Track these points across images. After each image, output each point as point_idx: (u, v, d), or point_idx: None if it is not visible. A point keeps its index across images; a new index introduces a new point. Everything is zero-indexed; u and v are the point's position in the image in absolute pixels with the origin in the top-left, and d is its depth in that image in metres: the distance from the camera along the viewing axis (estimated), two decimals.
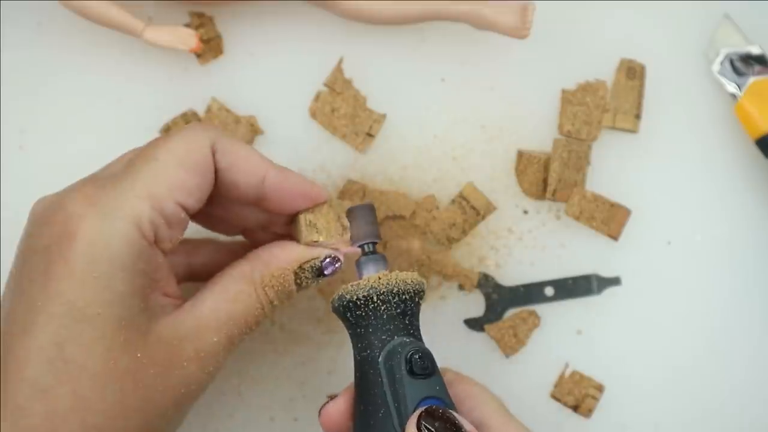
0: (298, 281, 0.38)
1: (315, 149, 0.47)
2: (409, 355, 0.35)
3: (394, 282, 0.36)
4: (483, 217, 0.46)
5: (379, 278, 0.37)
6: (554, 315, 0.46)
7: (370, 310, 0.36)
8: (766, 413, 0.46)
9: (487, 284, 0.46)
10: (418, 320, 0.37)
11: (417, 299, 0.37)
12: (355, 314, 0.37)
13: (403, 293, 0.36)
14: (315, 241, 0.38)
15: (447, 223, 0.46)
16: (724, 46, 0.47)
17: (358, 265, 0.38)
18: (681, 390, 0.46)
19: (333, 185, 0.46)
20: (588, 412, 0.45)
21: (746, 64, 0.46)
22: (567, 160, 0.45)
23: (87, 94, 0.47)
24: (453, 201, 0.46)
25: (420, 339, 0.37)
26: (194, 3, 0.46)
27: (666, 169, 0.48)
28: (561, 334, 0.46)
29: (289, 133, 0.47)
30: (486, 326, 0.46)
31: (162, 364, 0.34)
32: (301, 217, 0.38)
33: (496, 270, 0.46)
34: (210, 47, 0.47)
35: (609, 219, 0.46)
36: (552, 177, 0.45)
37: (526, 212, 0.47)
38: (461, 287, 0.46)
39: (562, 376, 0.46)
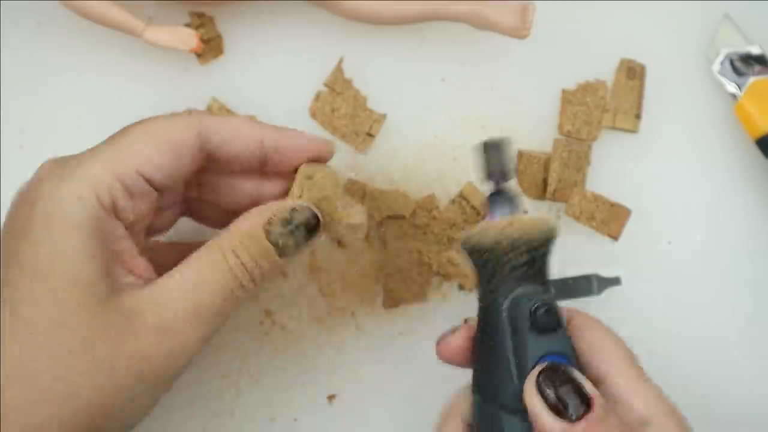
0: (273, 240, 0.35)
1: None
2: (534, 308, 0.34)
3: (524, 229, 0.35)
4: (483, 217, 0.46)
5: (511, 223, 0.35)
6: None
7: (498, 257, 0.35)
8: (766, 413, 0.46)
9: None
10: (547, 267, 0.36)
11: (547, 246, 0.35)
12: (482, 258, 0.35)
13: (534, 241, 0.35)
14: (310, 178, 0.36)
15: (447, 223, 0.46)
16: (724, 46, 0.47)
17: (491, 201, 0.36)
18: (681, 390, 0.46)
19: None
20: None
21: (746, 64, 0.46)
22: (567, 160, 0.45)
23: (87, 94, 0.47)
24: (453, 201, 0.46)
25: (548, 288, 0.35)
26: (194, 3, 0.46)
27: (666, 169, 0.48)
28: None
29: None
30: None
31: (117, 332, 0.32)
32: (298, 172, 0.37)
33: None
34: (210, 47, 0.47)
35: (609, 219, 0.46)
36: (552, 177, 0.45)
37: (526, 212, 0.47)
38: (461, 287, 0.46)
39: None
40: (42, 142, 0.46)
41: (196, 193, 0.40)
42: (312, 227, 0.36)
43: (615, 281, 0.47)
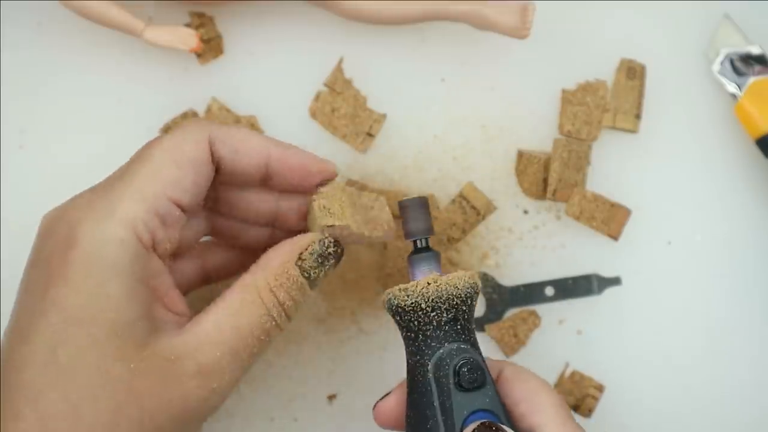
0: (305, 273, 0.36)
1: (315, 149, 0.47)
2: (457, 367, 0.34)
3: (444, 288, 0.35)
4: (483, 217, 0.46)
5: (428, 284, 0.35)
6: (554, 315, 0.46)
7: (419, 317, 0.35)
8: (766, 413, 0.46)
9: (487, 284, 0.46)
10: (472, 323, 0.36)
11: (470, 302, 0.36)
12: (404, 318, 0.35)
13: (454, 298, 0.35)
14: (329, 226, 0.36)
15: (447, 223, 0.46)
16: (724, 46, 0.47)
17: (411, 262, 0.36)
18: (681, 390, 0.46)
19: None
20: (588, 412, 0.45)
21: (746, 64, 0.46)
22: (567, 160, 0.45)
23: (87, 94, 0.47)
24: (453, 201, 0.46)
25: (473, 342, 0.35)
26: (194, 3, 0.46)
27: (666, 169, 0.48)
28: (561, 334, 0.46)
29: (289, 133, 0.47)
30: (486, 326, 0.46)
31: (159, 377, 0.32)
32: (315, 204, 0.37)
33: (496, 270, 0.46)
34: (210, 47, 0.47)
35: (609, 219, 0.46)
36: (552, 177, 0.45)
37: (526, 212, 0.47)
38: None
39: (562, 376, 0.46)
40: (42, 142, 0.46)
41: (211, 210, 0.40)
42: (339, 255, 0.37)
43: (615, 281, 0.47)
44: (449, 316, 0.35)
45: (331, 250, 0.36)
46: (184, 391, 0.33)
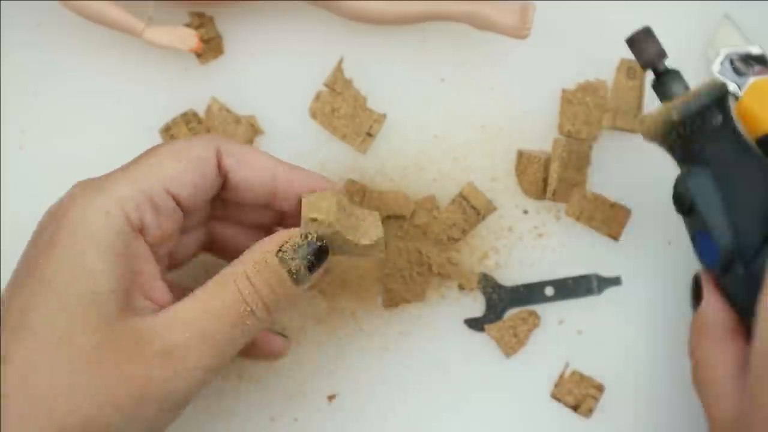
0: (288, 268, 0.35)
1: (315, 149, 0.47)
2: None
3: (707, 91, 0.38)
4: (483, 217, 0.46)
5: (698, 89, 0.38)
6: (554, 315, 0.46)
7: (694, 122, 0.38)
8: None
9: (487, 284, 0.46)
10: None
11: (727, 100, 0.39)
12: (681, 131, 0.38)
13: (718, 97, 0.38)
14: (313, 220, 0.36)
15: (447, 223, 0.46)
16: (724, 46, 0.47)
17: (662, 84, 0.39)
18: (681, 390, 0.46)
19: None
20: (588, 412, 0.45)
21: (746, 64, 0.46)
22: (567, 160, 0.45)
23: (87, 94, 0.47)
24: (453, 201, 0.46)
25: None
26: (194, 3, 0.46)
27: (666, 169, 0.47)
28: (561, 334, 0.46)
29: (289, 133, 0.47)
30: (486, 326, 0.46)
31: (122, 353, 0.32)
32: (304, 200, 0.37)
33: (496, 270, 0.46)
34: (210, 47, 0.47)
35: (609, 219, 0.46)
36: (552, 177, 0.45)
37: (526, 212, 0.47)
38: (461, 287, 0.46)
39: (562, 376, 0.46)
40: (42, 142, 0.47)
41: (216, 226, 0.41)
42: (321, 252, 0.36)
43: (615, 281, 0.47)
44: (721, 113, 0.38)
45: (313, 245, 0.36)
46: (146, 369, 0.33)
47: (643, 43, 0.39)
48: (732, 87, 0.46)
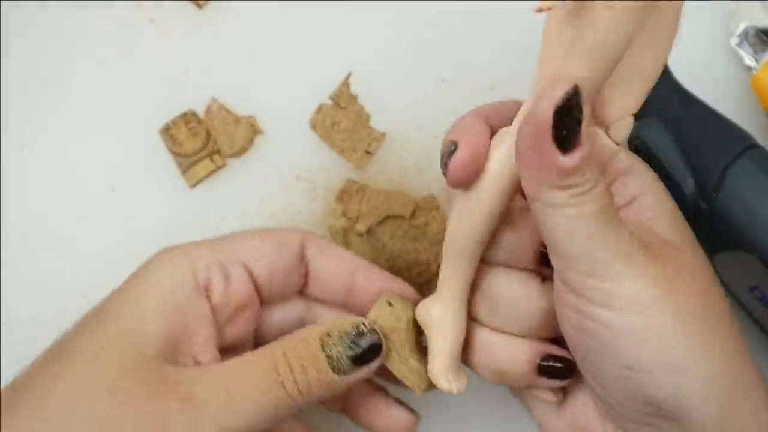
0: (327, 351, 0.34)
1: (315, 149, 0.47)
2: None
3: None
4: None
5: None
6: None
7: None
8: None
9: None
10: None
11: None
12: None
13: None
14: (376, 317, 0.35)
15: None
16: (745, 19, 0.47)
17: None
18: None
19: (333, 185, 0.46)
20: None
21: (763, 39, 0.46)
22: None
23: (87, 94, 0.47)
24: None
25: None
26: None
27: None
28: None
29: (289, 132, 0.47)
30: None
31: (145, 389, 0.32)
32: (379, 299, 0.36)
33: None
34: None
35: None
36: None
37: None
38: None
39: None
40: (42, 142, 0.47)
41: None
42: (373, 349, 0.34)
43: None
44: None
45: (362, 338, 0.34)
46: (164, 410, 0.32)
47: None
48: (749, 61, 0.46)
